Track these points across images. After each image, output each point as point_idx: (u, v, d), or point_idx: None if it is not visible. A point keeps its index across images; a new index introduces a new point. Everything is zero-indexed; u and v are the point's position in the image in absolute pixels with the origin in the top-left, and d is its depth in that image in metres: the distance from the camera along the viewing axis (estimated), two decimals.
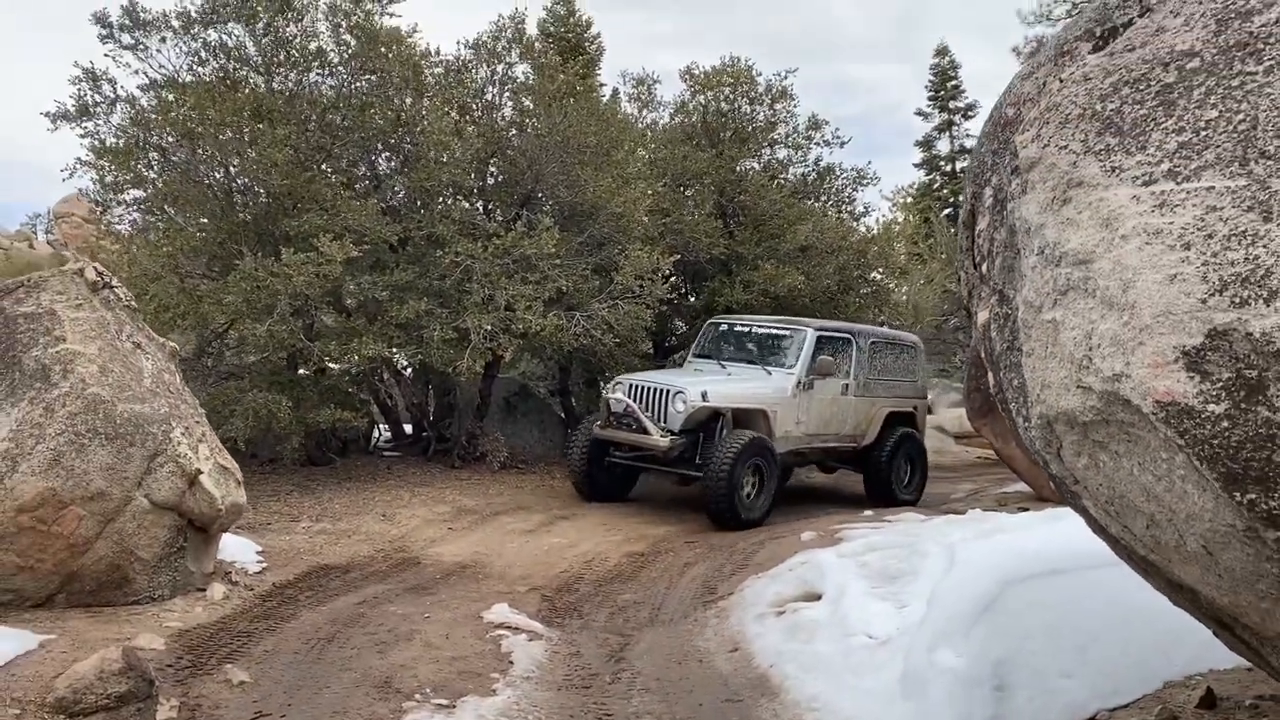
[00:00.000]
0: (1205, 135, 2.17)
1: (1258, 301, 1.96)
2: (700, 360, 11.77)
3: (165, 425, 6.55)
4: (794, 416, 11.01)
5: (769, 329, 11.65)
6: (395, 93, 11.90)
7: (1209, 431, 2.07)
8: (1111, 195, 2.29)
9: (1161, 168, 2.22)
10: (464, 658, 5.84)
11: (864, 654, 5.16)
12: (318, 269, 9.72)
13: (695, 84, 14.69)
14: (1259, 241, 1.99)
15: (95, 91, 11.33)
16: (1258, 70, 2.14)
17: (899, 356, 12.60)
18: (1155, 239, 2.15)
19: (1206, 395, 2.06)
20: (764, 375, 11.08)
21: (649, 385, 10.41)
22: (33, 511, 5.91)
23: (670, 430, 10.12)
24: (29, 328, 6.53)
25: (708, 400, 10.21)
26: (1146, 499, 2.41)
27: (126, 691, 4.75)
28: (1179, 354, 2.09)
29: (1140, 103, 2.35)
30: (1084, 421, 2.48)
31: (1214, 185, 2.09)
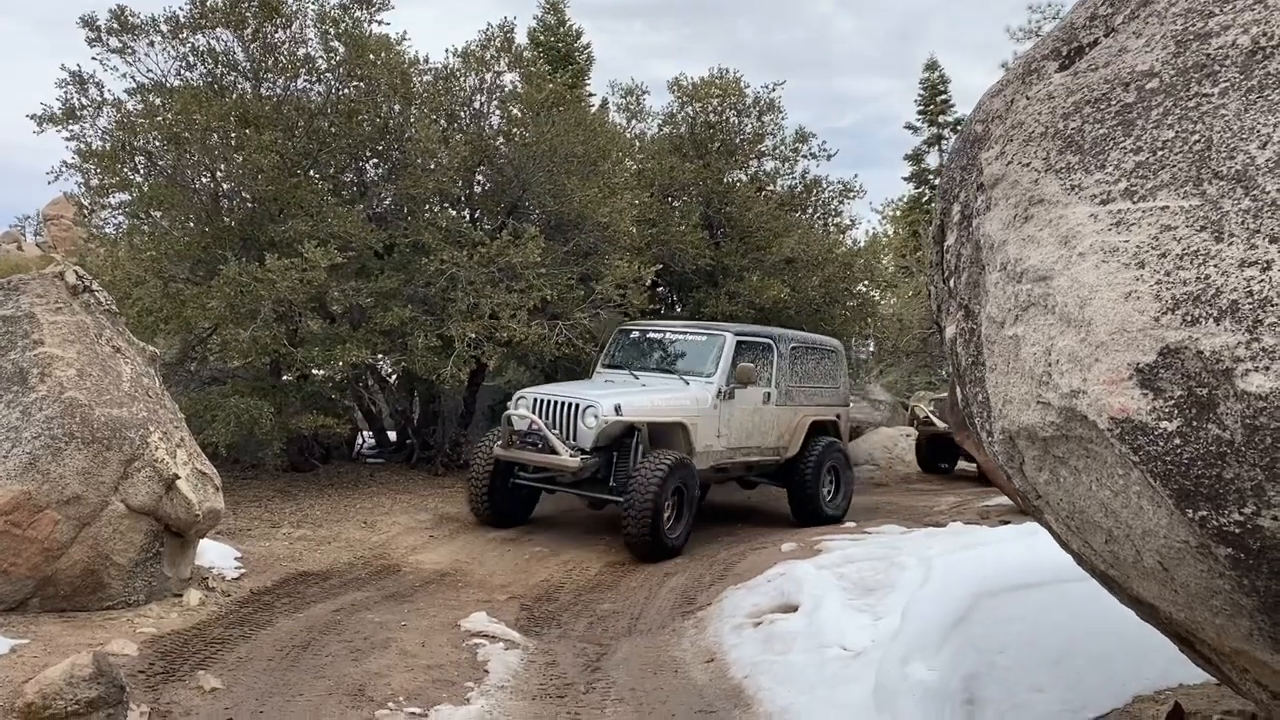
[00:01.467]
0: (1161, 155, 2.19)
1: (1208, 320, 1.98)
2: (610, 370, 10.92)
3: (143, 430, 6.53)
4: (714, 429, 10.22)
5: (684, 334, 10.91)
6: (384, 100, 11.91)
7: (1162, 448, 2.09)
8: (1070, 213, 2.31)
9: (1119, 186, 2.24)
10: (439, 666, 5.83)
11: (838, 666, 5.16)
12: (302, 275, 9.71)
13: (683, 95, 14.74)
14: (1210, 261, 2.01)
15: (82, 95, 11.30)
16: (1213, 92, 2.17)
17: (820, 362, 11.96)
18: (1111, 257, 2.17)
19: (1159, 412, 2.08)
20: (681, 385, 10.22)
21: (556, 399, 9.49)
22: (7, 515, 5.89)
23: (581, 449, 9.22)
24: (7, 330, 6.52)
25: (621, 414, 9.28)
26: (1105, 514, 2.43)
27: (96, 697, 4.69)
28: (1133, 371, 2.11)
29: (1101, 122, 2.38)
30: (1044, 437, 2.49)
31: (1168, 205, 2.12)
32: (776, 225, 14.12)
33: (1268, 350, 1.89)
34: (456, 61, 12.63)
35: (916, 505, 13.18)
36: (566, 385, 10.44)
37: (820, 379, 11.82)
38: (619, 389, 9.90)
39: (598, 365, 11.14)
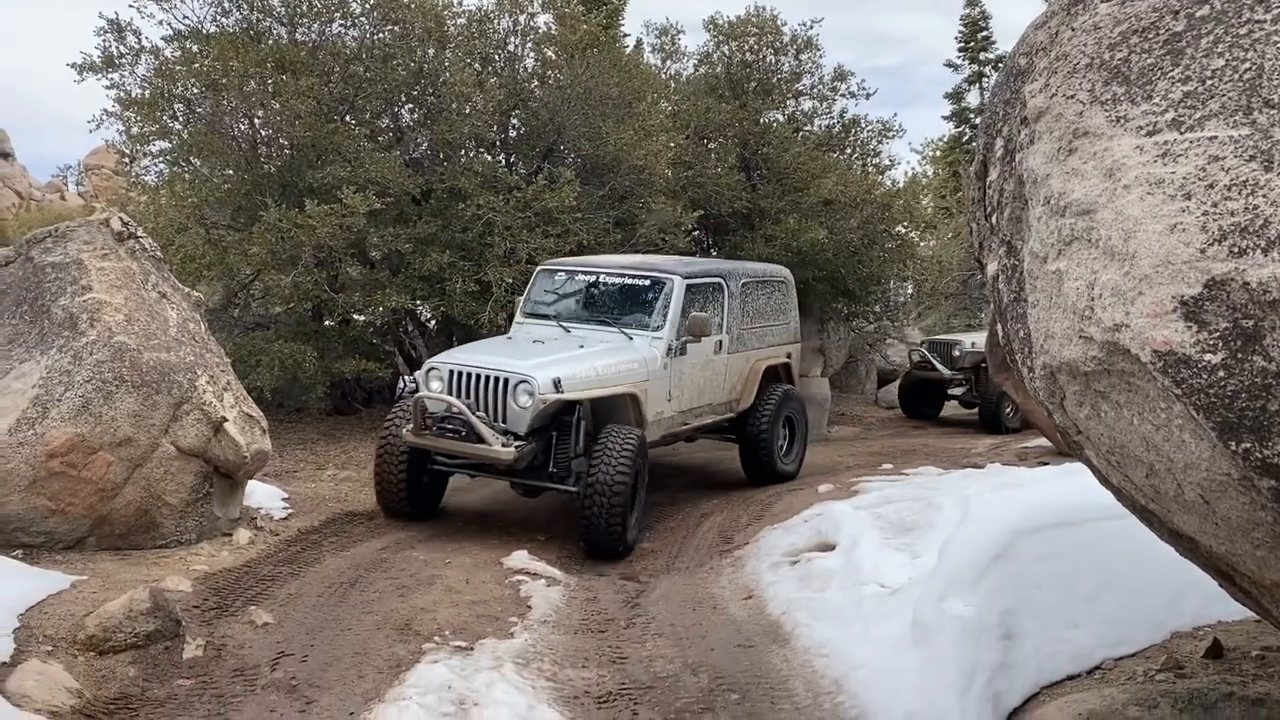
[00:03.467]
0: (1211, 84, 2.16)
1: (1255, 251, 1.97)
2: (533, 322, 8.96)
3: (191, 374, 6.66)
4: (664, 392, 8.52)
5: (624, 277, 8.98)
6: (418, 44, 11.86)
7: (1205, 381, 2.09)
8: (1115, 145, 2.29)
9: (1166, 117, 2.22)
10: (483, 602, 5.96)
11: (875, 602, 5.22)
12: (341, 221, 9.78)
13: (719, 34, 14.54)
14: (1259, 191, 1.99)
15: (120, 43, 11.37)
16: (1266, 19, 2.13)
17: (771, 296, 10.23)
18: (1157, 189, 2.15)
19: (1204, 345, 2.07)
20: (624, 342, 8.39)
21: (478, 373, 7.54)
22: (63, 456, 6.06)
23: (514, 433, 7.39)
24: (57, 277, 6.65)
25: (562, 390, 7.44)
26: (1146, 449, 2.43)
27: (154, 630, 4.88)
28: (1177, 304, 2.10)
29: (1148, 52, 2.34)
30: (1086, 372, 2.49)
31: (1217, 135, 2.09)
32: (814, 166, 13.95)
33: None
34: (490, 3, 12.56)
35: (953, 447, 13.17)
36: (487, 350, 8.36)
37: (770, 315, 10.18)
38: (555, 355, 7.98)
39: (518, 314, 9.23)
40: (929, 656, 4.38)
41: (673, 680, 4.79)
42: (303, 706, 4.36)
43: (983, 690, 4.06)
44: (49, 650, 4.58)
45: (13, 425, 6.06)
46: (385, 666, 4.80)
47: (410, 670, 4.67)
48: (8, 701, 3.98)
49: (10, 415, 6.12)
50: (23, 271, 6.83)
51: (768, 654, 5.07)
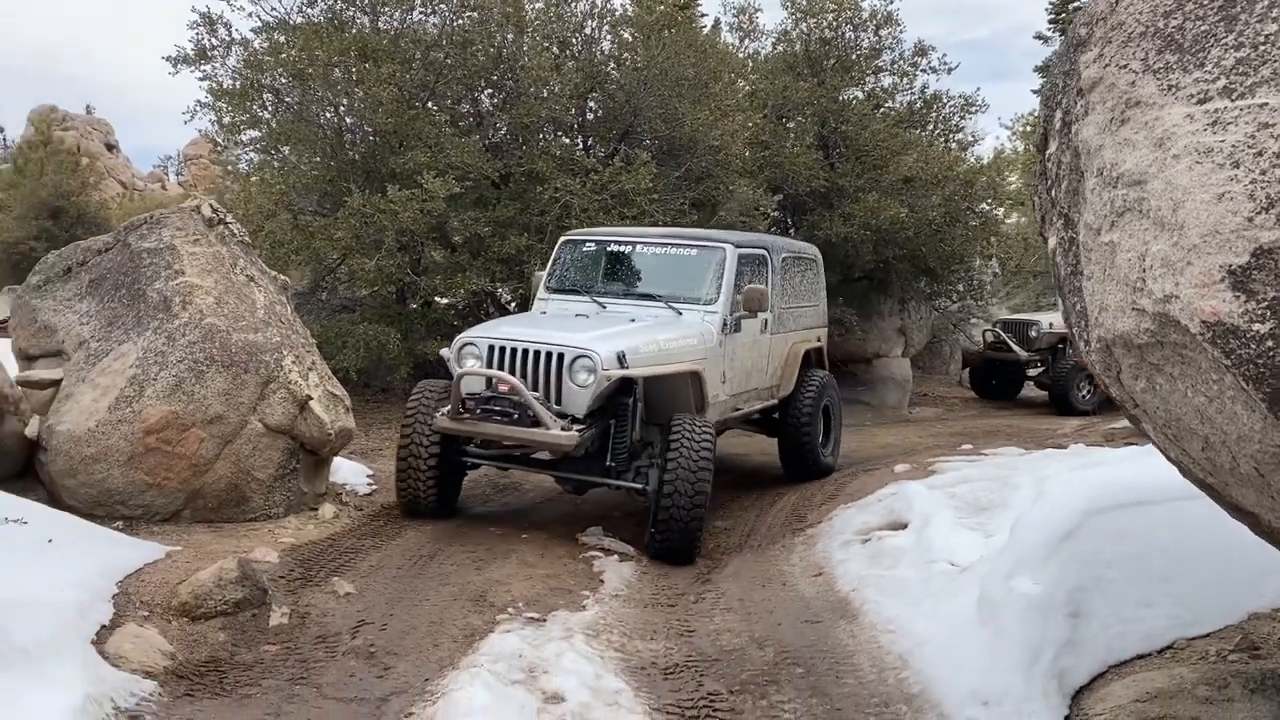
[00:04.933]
0: (1264, 50, 2.12)
1: None
2: (561, 297, 8.10)
3: (277, 354, 6.91)
4: (719, 374, 7.67)
5: (668, 247, 8.15)
6: (497, 29, 12.02)
7: (1254, 351, 2.07)
8: (1166, 114, 2.27)
9: (1217, 85, 2.18)
10: (557, 575, 6.09)
11: (944, 580, 5.20)
12: (422, 205, 10.00)
13: (797, 11, 14.42)
14: None
15: (211, 35, 11.76)
16: None
17: (804, 275, 9.50)
18: (1205, 158, 2.12)
19: (1252, 314, 2.05)
20: (673, 317, 7.60)
21: (526, 348, 6.68)
22: (158, 433, 6.35)
23: (572, 416, 6.57)
24: (152, 262, 6.95)
25: (626, 365, 6.59)
26: (1200, 421, 2.41)
27: (243, 598, 5.11)
28: (1225, 273, 2.08)
29: (1202, 18, 2.30)
30: (1139, 344, 2.48)
31: (1268, 102, 2.06)
32: (894, 143, 13.79)
33: None
34: None
35: (1038, 428, 12.97)
36: (528, 323, 7.54)
37: (805, 295, 9.46)
38: (606, 326, 7.21)
39: (539, 289, 8.39)
40: (994, 633, 4.36)
41: (739, 653, 4.85)
42: (380, 672, 4.53)
43: (1048, 667, 4.03)
44: (145, 615, 4.84)
45: (112, 403, 6.38)
46: (460, 636, 4.95)
47: (484, 640, 4.81)
48: (106, 662, 4.22)
49: (110, 394, 6.44)
50: (121, 257, 7.16)
51: (834, 629, 5.10)
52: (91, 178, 33.87)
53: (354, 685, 4.38)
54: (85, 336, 6.89)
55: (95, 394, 6.49)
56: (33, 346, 7.12)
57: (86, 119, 52.98)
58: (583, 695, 4.15)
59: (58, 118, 49.46)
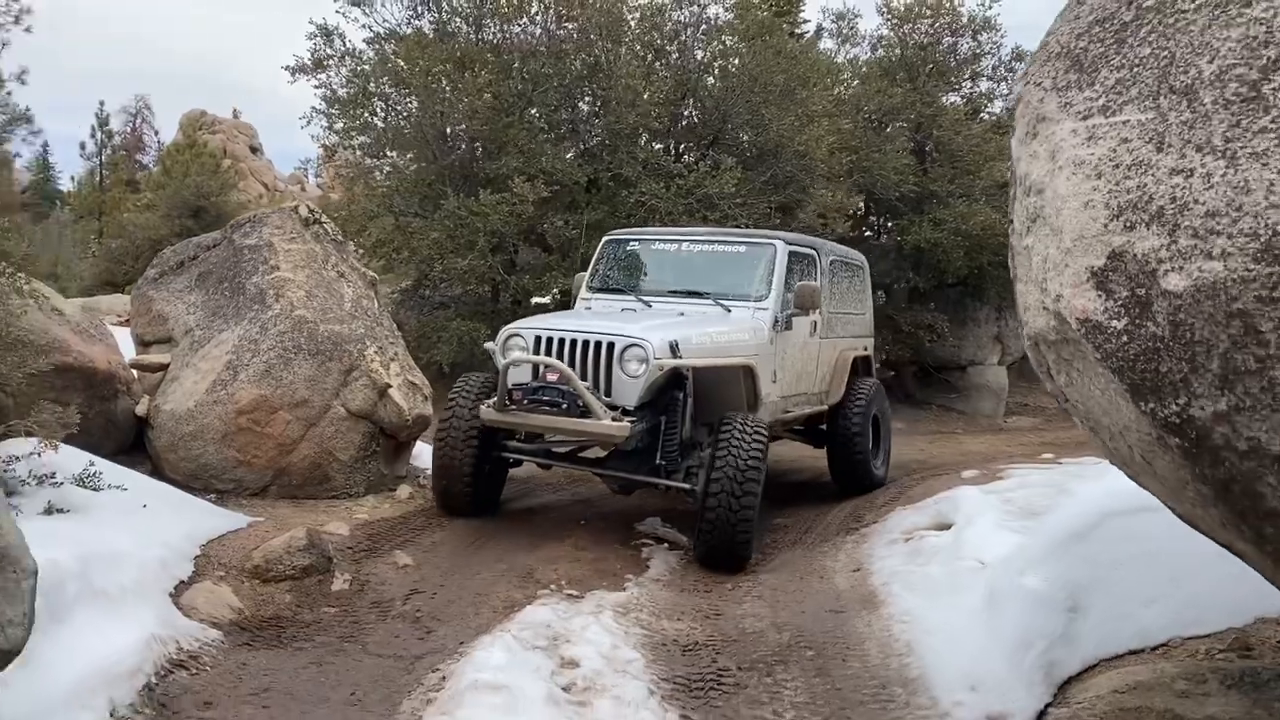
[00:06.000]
0: (1136, 71, 2.31)
1: (1141, 225, 2.12)
2: (605, 296, 7.98)
3: (361, 344, 7.45)
4: (770, 372, 7.45)
5: (715, 244, 8.01)
6: (596, 37, 12.45)
7: (1115, 345, 2.26)
8: (1059, 129, 2.46)
9: (1099, 102, 2.37)
10: (605, 560, 6.43)
11: (968, 576, 5.33)
12: (511, 208, 10.49)
13: (893, 18, 14.46)
14: (1149, 170, 2.14)
15: (327, 46, 12.54)
16: (1190, 8, 2.25)
17: (852, 281, 9.22)
18: (1079, 169, 2.32)
19: (1110, 311, 2.24)
20: (722, 314, 7.44)
21: (575, 338, 6.54)
22: (249, 414, 6.95)
23: (622, 408, 6.42)
24: (251, 257, 7.59)
25: (679, 355, 6.47)
26: (1102, 413, 2.60)
27: (309, 564, 5.61)
28: (1090, 274, 2.27)
29: (1101, 41, 2.49)
30: (1051, 340, 2.67)
31: (1129, 119, 2.24)
32: (989, 149, 13.70)
33: (1183, 252, 2.03)
34: None
35: None
36: (575, 317, 7.48)
37: (852, 302, 9.19)
38: (656, 319, 7.09)
39: (581, 289, 8.25)
40: (995, 624, 4.51)
41: (757, 636, 5.10)
42: (422, 634, 4.95)
43: (1038, 657, 4.17)
44: (220, 575, 5.38)
45: (209, 386, 7.01)
46: (500, 607, 5.34)
47: (520, 611, 5.19)
48: (179, 611, 4.75)
49: (209, 377, 7.07)
50: (226, 253, 7.82)
51: (854, 619, 5.29)
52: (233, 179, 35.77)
53: (395, 644, 4.81)
54: (191, 325, 7.56)
55: (196, 377, 7.14)
56: (147, 333, 7.84)
57: (232, 123, 55.92)
58: (596, 663, 4.47)
59: (206, 121, 52.46)
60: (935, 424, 14.61)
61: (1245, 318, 1.94)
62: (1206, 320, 2.01)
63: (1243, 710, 3.59)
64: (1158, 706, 3.71)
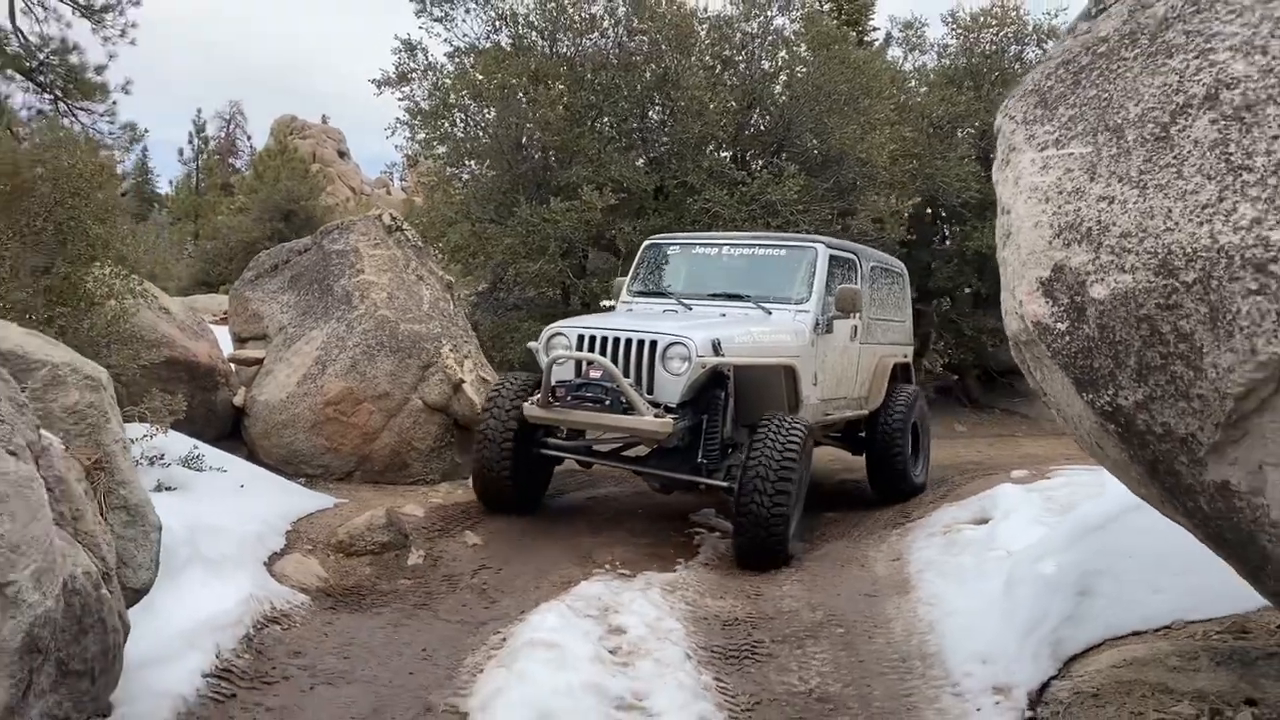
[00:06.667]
0: (1083, 110, 2.70)
1: (1074, 243, 2.51)
2: (645, 300, 8.01)
3: (437, 343, 8.03)
4: (811, 374, 7.47)
5: (755, 248, 8.05)
6: (668, 49, 12.90)
7: (1060, 345, 2.65)
8: (1023, 158, 2.86)
9: (1053, 136, 2.76)
10: (658, 545, 6.90)
11: (994, 564, 5.66)
12: (580, 215, 11.02)
13: (959, 28, 14.66)
14: (1083, 197, 2.52)
15: (410, 60, 13.22)
16: (1130, 56, 2.64)
17: (891, 288, 9.21)
18: (1034, 194, 2.72)
19: (1055, 316, 2.63)
20: (763, 316, 7.47)
21: (618, 336, 6.60)
22: (336, 405, 7.57)
23: (665, 405, 6.48)
24: (339, 262, 8.22)
25: (721, 353, 6.53)
26: (1066, 404, 2.98)
27: (388, 541, 6.18)
28: (1039, 283, 2.67)
29: (1063, 80, 2.88)
30: (1023, 341, 3.05)
31: (1074, 151, 2.63)
32: None
33: (1104, 266, 2.42)
34: (732, 9, 13.43)
35: None
36: (616, 318, 7.42)
37: (892, 309, 9.16)
38: (697, 319, 7.19)
39: (622, 293, 8.32)
40: (1010, 607, 4.85)
41: (793, 614, 5.51)
42: (487, 604, 5.47)
43: (1045, 636, 4.51)
44: (308, 549, 5.97)
45: (300, 379, 7.66)
46: (559, 582, 5.83)
47: (576, 586, 5.68)
48: (272, 577, 5.34)
49: (299, 371, 7.72)
50: (316, 257, 8.48)
51: (885, 602, 5.67)
52: (321, 183, 37.06)
53: (463, 611, 5.34)
54: (284, 323, 8.22)
55: (288, 371, 7.79)
56: (244, 331, 8.53)
57: (321, 128, 57.71)
58: (641, 630, 4.93)
59: (297, 127, 54.25)
60: (998, 427, 14.77)
61: (1150, 321, 2.32)
62: (1123, 323, 2.40)
63: (1229, 684, 3.91)
64: (1150, 679, 4.05)
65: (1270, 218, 2.04)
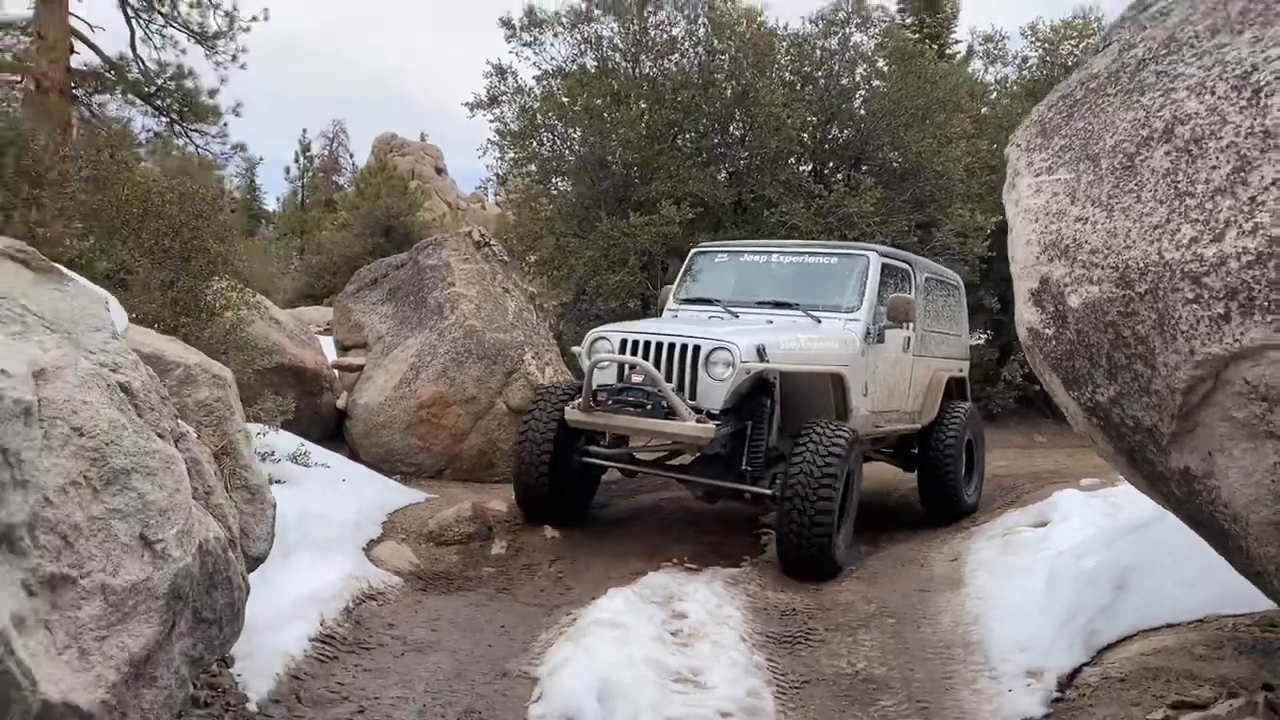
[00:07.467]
0: (1071, 139, 3.04)
1: (1056, 259, 2.85)
2: (692, 307, 7.89)
3: (520, 350, 8.56)
4: (861, 384, 7.26)
5: (805, 256, 7.88)
6: (748, 66, 13.30)
7: (1050, 348, 3.00)
8: (1022, 182, 3.21)
9: (1047, 164, 3.11)
10: (725, 544, 7.28)
11: (1042, 562, 5.92)
12: (659, 229, 11.48)
13: (1038, 40, 14.73)
14: (1064, 218, 2.86)
15: (501, 83, 13.89)
16: (1114, 91, 2.98)
17: (947, 300, 8.92)
18: (1027, 215, 3.07)
19: (1045, 322, 2.98)
20: (811, 323, 7.28)
21: (661, 341, 6.53)
22: (428, 408, 8.15)
23: (708, 411, 6.38)
24: (432, 275, 8.82)
25: (766, 359, 6.42)
26: (1063, 404, 3.32)
27: (474, 531, 6.70)
28: (1030, 294, 3.02)
29: (1061, 112, 3.23)
30: (1027, 347, 3.40)
31: (1060, 177, 2.98)
32: None
33: (1077, 279, 2.76)
34: (811, 27, 13.79)
35: None
36: (660, 324, 7.27)
37: (947, 322, 8.90)
38: (743, 325, 7.09)
39: (669, 300, 8.23)
40: (1050, 600, 5.13)
41: (848, 606, 5.86)
42: (562, 590, 5.94)
43: (1081, 626, 4.78)
44: (402, 538, 6.53)
45: (396, 384, 8.26)
46: (629, 573, 6.27)
47: (644, 576, 6.11)
48: (370, 561, 5.90)
49: (396, 377, 8.32)
50: (411, 271, 9.10)
51: (937, 597, 5.97)
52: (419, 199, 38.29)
53: (540, 595, 5.82)
54: (383, 332, 8.85)
55: (386, 376, 8.40)
56: (346, 339, 9.19)
57: (419, 145, 59.46)
58: (701, 616, 5.34)
59: (396, 144, 56.00)
60: (1078, 438, 14.72)
61: (1114, 327, 2.66)
62: (1094, 328, 2.74)
63: (1250, 671, 4.15)
64: (1176, 666, 4.31)
65: (1205, 236, 2.38)
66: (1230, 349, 2.30)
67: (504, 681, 4.38)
